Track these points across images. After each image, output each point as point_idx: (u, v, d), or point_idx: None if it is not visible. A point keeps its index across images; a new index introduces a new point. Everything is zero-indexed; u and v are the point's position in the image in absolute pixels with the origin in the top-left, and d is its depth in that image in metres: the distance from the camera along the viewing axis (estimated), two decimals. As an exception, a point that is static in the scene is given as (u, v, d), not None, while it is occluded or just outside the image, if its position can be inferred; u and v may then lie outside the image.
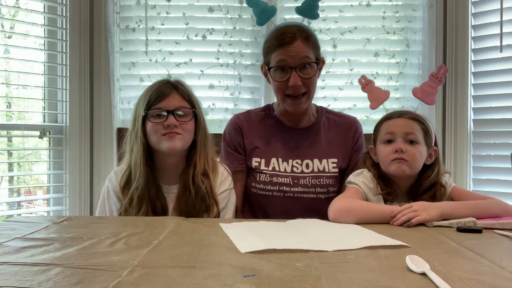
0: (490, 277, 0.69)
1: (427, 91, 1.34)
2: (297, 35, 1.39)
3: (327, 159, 1.49)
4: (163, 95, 1.30)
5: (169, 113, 1.29)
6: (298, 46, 1.38)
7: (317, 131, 1.52)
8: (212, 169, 1.37)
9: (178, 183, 1.35)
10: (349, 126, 1.55)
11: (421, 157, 1.28)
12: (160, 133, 1.29)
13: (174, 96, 1.32)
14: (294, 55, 1.38)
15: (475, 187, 2.25)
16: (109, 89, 2.31)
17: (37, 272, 0.70)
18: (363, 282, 0.66)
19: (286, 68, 1.39)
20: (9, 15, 2.49)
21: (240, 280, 0.66)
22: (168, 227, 1.07)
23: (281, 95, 1.44)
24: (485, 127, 2.24)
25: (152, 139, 1.31)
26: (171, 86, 1.34)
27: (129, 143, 1.36)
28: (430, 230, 1.07)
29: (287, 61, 1.38)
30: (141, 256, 0.80)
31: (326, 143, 1.51)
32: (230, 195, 1.41)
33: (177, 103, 1.31)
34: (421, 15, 2.25)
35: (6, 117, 2.45)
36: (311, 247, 0.86)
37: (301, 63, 1.38)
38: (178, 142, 1.29)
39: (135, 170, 1.32)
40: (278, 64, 1.39)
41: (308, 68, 1.40)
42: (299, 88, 1.39)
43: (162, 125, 1.29)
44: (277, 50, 1.39)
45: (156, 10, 2.31)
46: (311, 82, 1.42)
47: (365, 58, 2.33)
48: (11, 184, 2.79)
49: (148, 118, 1.30)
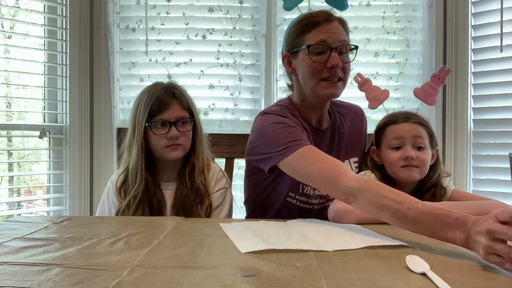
0: (490, 277, 0.69)
1: (428, 92, 1.34)
2: (333, 17, 1.30)
3: (349, 160, 1.43)
4: (164, 105, 1.34)
5: (171, 125, 1.34)
6: (337, 27, 1.28)
7: (338, 132, 1.42)
8: (207, 166, 1.43)
9: (176, 180, 1.40)
10: (359, 117, 1.49)
11: (429, 162, 1.31)
12: (163, 145, 1.34)
13: (174, 106, 1.35)
14: (334, 36, 1.26)
15: (475, 187, 2.25)
16: (109, 89, 2.32)
17: (37, 272, 0.70)
18: (363, 282, 0.66)
19: (326, 48, 1.25)
20: (9, 15, 2.49)
21: (240, 280, 0.66)
22: (168, 227, 1.07)
23: (316, 79, 1.28)
24: (485, 127, 2.24)
25: (155, 149, 1.37)
26: (171, 95, 1.36)
27: (128, 146, 1.40)
28: (430, 230, 1.07)
29: (326, 40, 1.25)
30: (141, 256, 0.80)
31: (346, 142, 1.42)
32: (226, 194, 1.45)
33: (178, 114, 1.35)
34: (421, 15, 2.25)
35: (6, 117, 2.45)
36: (311, 247, 0.86)
37: (341, 45, 1.27)
38: (180, 152, 1.36)
39: (133, 173, 1.35)
40: (317, 42, 1.25)
41: (345, 53, 1.29)
42: (337, 71, 1.26)
43: (165, 137, 1.34)
44: (313, 29, 1.27)
45: (156, 10, 2.31)
46: (348, 69, 1.30)
47: (365, 58, 2.33)
48: (11, 184, 2.79)
49: (152, 130, 1.34)
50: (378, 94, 1.37)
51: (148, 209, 1.34)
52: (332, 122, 1.42)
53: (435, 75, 1.33)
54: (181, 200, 1.37)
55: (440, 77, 1.32)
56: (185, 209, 1.36)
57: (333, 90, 1.28)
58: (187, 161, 1.41)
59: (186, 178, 1.38)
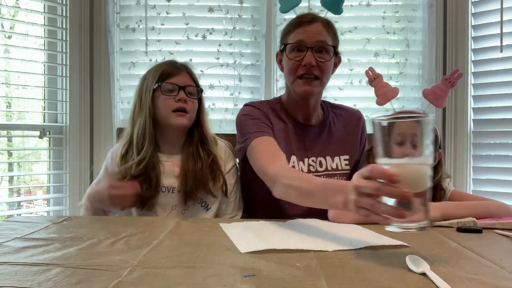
0: (490, 277, 0.69)
1: (438, 94, 1.32)
2: (318, 18, 1.37)
3: (339, 156, 1.46)
4: (174, 71, 1.38)
5: (181, 89, 1.36)
6: (317, 28, 1.35)
7: (328, 128, 1.49)
8: (215, 143, 1.45)
9: (181, 154, 1.40)
10: (355, 119, 1.53)
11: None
12: (170, 109, 1.35)
13: (184, 75, 1.39)
14: (311, 36, 1.34)
15: (475, 187, 2.25)
16: (109, 89, 2.32)
17: (37, 272, 0.70)
18: (363, 282, 0.66)
19: (303, 47, 1.35)
20: (9, 15, 2.49)
21: (240, 280, 0.66)
22: (168, 227, 1.07)
23: (293, 77, 1.38)
24: (485, 127, 2.24)
25: (162, 113, 1.36)
26: (181, 65, 1.42)
27: (131, 117, 1.40)
28: (430, 230, 1.07)
29: (304, 40, 1.34)
30: (141, 256, 0.80)
31: (337, 140, 1.48)
32: (236, 174, 1.47)
33: (187, 81, 1.39)
34: (421, 15, 2.25)
35: (6, 117, 2.45)
36: (311, 247, 0.86)
37: (318, 45, 1.34)
38: (185, 120, 1.37)
39: (139, 138, 1.35)
40: (295, 42, 1.36)
41: (324, 53, 1.36)
42: (312, 69, 1.34)
43: (173, 99, 1.35)
44: (295, 30, 1.37)
45: (156, 10, 2.31)
46: (325, 68, 1.37)
47: (365, 58, 2.33)
48: (11, 184, 2.79)
49: (161, 91, 1.35)
50: (387, 91, 1.36)
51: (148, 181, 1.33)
52: (323, 120, 1.50)
53: (446, 78, 1.32)
54: (195, 174, 1.34)
55: (451, 80, 1.31)
56: (198, 183, 1.34)
57: (308, 88, 1.37)
58: (192, 134, 1.41)
59: (196, 150, 1.38)
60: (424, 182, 0.76)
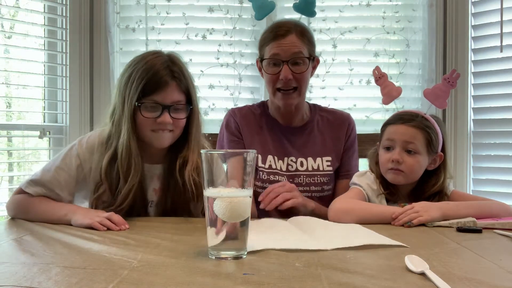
0: (490, 277, 0.69)
1: (438, 94, 1.32)
2: (292, 29, 1.40)
3: (321, 158, 1.49)
4: (160, 85, 1.17)
5: (164, 109, 1.18)
6: (291, 40, 1.38)
7: (311, 130, 1.52)
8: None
9: (162, 164, 1.27)
10: (342, 123, 1.55)
11: (419, 168, 1.27)
12: (150, 128, 1.19)
13: (172, 89, 1.19)
14: (286, 49, 1.38)
15: (475, 187, 2.25)
16: (109, 89, 2.31)
17: (37, 272, 0.70)
18: (363, 282, 0.66)
19: (278, 61, 1.39)
20: (9, 15, 2.49)
21: (240, 280, 0.66)
22: (168, 227, 1.07)
23: (272, 89, 1.44)
24: (485, 127, 2.24)
25: (141, 131, 1.21)
26: (170, 74, 1.19)
27: (117, 119, 1.22)
28: (430, 230, 1.07)
29: (279, 54, 1.39)
30: (141, 256, 0.80)
31: (320, 141, 1.51)
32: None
33: (174, 97, 1.19)
34: (421, 15, 2.25)
35: (6, 117, 2.45)
36: (311, 246, 0.86)
37: (293, 57, 1.38)
38: (167, 140, 1.22)
39: (123, 163, 1.18)
40: (270, 57, 1.40)
41: (301, 63, 1.40)
42: (289, 82, 1.39)
43: (154, 119, 1.18)
44: (270, 43, 1.40)
45: (156, 10, 2.31)
46: (303, 78, 1.41)
47: (365, 58, 2.32)
48: (11, 184, 2.79)
49: (140, 111, 1.18)
50: (391, 90, 1.37)
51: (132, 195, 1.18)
52: (307, 122, 1.53)
53: (446, 77, 1.31)
54: (173, 193, 1.23)
55: (450, 80, 1.30)
56: (177, 204, 1.23)
57: (288, 101, 1.43)
58: (177, 150, 1.25)
59: (178, 172, 1.22)
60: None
